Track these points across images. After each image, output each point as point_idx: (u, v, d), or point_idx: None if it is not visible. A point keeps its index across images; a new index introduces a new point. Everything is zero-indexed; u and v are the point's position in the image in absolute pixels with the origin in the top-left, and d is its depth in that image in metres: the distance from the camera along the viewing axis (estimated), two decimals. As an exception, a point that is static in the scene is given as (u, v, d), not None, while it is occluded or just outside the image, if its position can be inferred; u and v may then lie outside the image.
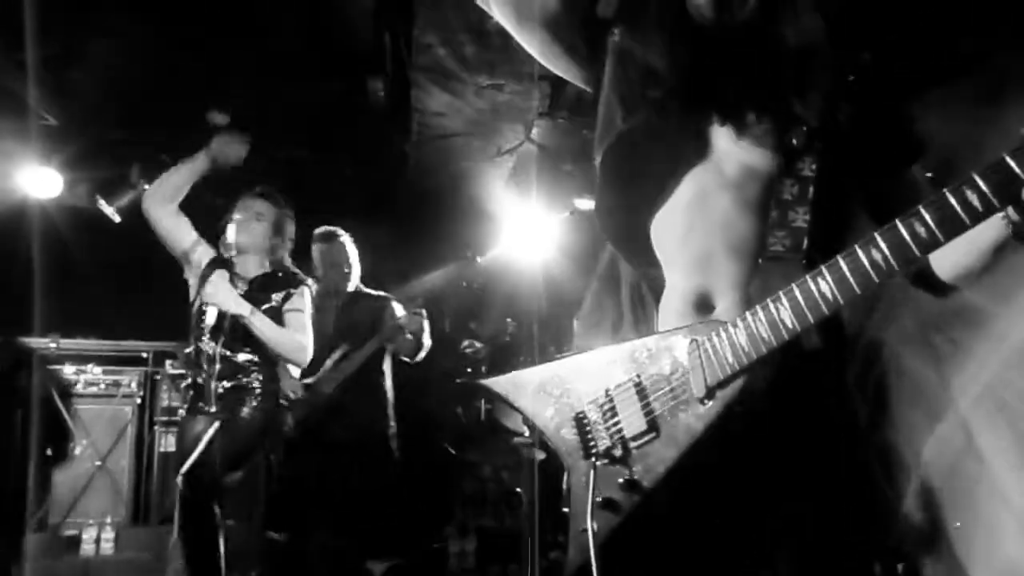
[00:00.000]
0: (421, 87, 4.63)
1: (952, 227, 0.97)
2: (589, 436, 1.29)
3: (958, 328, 2.91)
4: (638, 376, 1.25)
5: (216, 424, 3.16)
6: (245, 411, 3.25)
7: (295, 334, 3.39)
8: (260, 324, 3.25)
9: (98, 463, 4.89)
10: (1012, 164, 0.94)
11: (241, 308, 3.22)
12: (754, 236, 1.23)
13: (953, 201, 0.97)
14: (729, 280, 1.24)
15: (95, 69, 4.33)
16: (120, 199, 3.85)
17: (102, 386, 5.07)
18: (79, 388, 4.98)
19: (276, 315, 3.36)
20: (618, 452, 1.25)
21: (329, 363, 4.11)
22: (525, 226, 5.27)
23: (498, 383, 1.41)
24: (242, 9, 4.02)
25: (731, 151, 1.28)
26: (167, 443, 5.07)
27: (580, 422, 1.30)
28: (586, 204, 5.26)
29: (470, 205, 5.56)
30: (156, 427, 5.13)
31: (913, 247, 0.99)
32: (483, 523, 4.99)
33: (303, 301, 3.48)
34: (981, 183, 0.95)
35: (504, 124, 5.04)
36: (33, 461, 4.70)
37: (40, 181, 4.73)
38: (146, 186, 3.48)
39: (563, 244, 5.17)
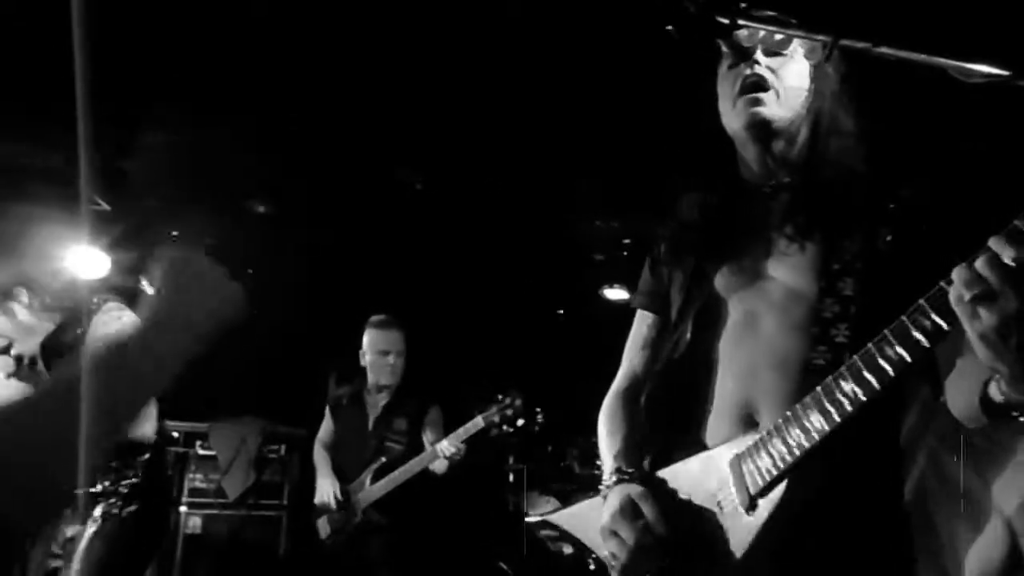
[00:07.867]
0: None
1: (953, 317, 0.97)
2: None
3: (999, 428, 2.85)
4: (688, 496, 1.29)
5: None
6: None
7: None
8: None
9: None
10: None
11: None
12: (797, 354, 1.26)
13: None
14: (773, 396, 1.27)
15: (147, 159, 4.52)
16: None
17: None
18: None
19: None
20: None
21: (367, 475, 3.80)
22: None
23: (560, 516, 1.53)
24: (287, 104, 4.20)
25: (776, 277, 1.34)
26: (193, 525, 5.13)
27: None
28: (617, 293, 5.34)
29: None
30: (183, 508, 5.15)
31: (922, 339, 1.01)
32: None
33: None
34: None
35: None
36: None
37: (88, 261, 4.85)
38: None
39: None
